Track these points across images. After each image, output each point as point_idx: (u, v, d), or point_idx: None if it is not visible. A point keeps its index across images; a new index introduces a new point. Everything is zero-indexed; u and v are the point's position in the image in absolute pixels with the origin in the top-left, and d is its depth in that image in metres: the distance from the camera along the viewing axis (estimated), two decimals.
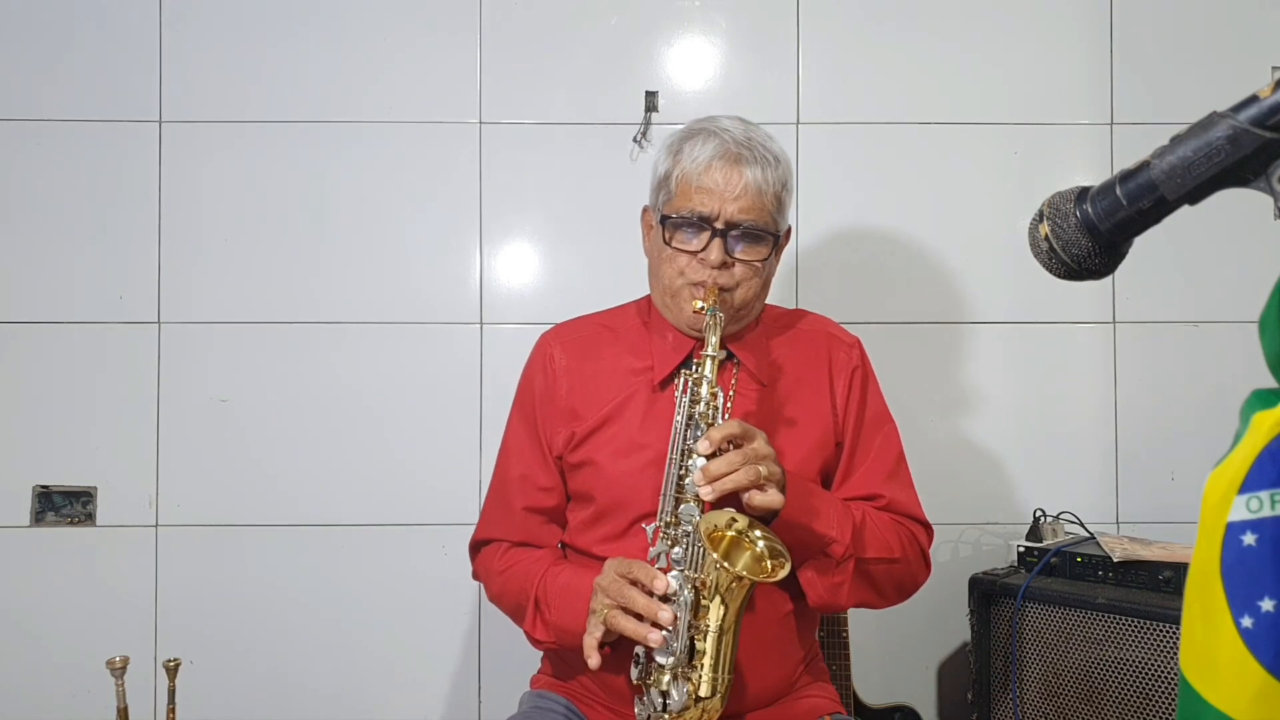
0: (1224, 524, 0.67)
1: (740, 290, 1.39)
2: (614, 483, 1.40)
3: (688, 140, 1.39)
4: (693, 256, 1.37)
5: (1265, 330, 0.69)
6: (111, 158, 2.08)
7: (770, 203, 1.37)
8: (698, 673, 1.21)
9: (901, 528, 1.43)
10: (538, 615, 1.39)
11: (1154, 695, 1.63)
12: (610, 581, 1.26)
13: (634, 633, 1.22)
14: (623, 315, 1.55)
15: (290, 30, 2.10)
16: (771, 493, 1.23)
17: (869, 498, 1.44)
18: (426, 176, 2.11)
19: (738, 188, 1.35)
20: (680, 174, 1.38)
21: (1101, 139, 2.13)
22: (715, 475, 1.20)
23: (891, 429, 1.51)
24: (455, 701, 2.09)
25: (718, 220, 1.36)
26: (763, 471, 1.22)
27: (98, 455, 2.06)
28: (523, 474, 1.49)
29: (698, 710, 1.21)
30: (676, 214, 1.38)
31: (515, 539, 1.49)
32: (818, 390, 1.48)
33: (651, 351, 1.46)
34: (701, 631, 1.22)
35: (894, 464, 1.48)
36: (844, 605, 1.39)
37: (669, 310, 1.44)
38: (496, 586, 1.48)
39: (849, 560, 1.33)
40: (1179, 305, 2.13)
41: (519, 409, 1.53)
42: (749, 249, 1.38)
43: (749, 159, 1.36)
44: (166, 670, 1.45)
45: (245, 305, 2.09)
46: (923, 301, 2.13)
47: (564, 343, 1.51)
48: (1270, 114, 0.66)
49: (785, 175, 1.40)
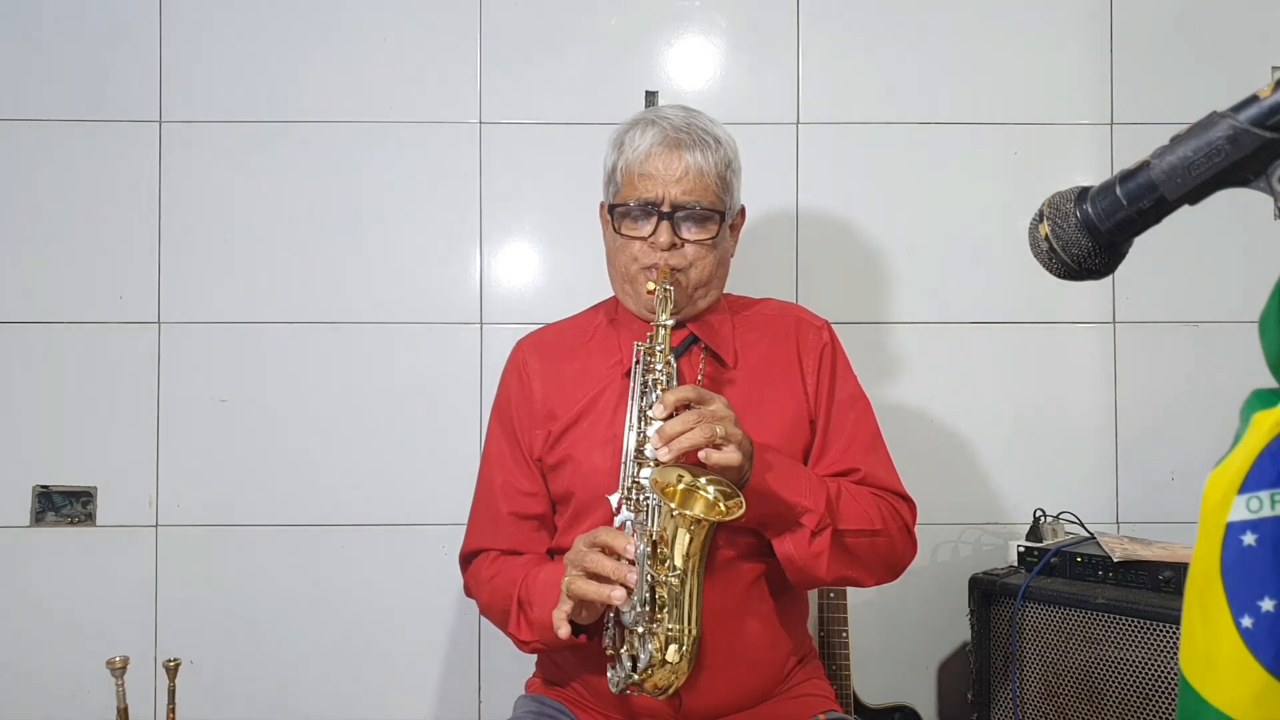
0: (1224, 524, 0.67)
1: (694, 270, 1.42)
2: (590, 475, 1.41)
3: (628, 131, 1.43)
4: (643, 242, 1.41)
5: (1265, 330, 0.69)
6: (111, 158, 2.08)
7: (714, 183, 1.40)
8: (662, 626, 1.20)
9: (882, 500, 1.41)
10: (522, 615, 1.38)
11: (1154, 695, 1.63)
12: (576, 553, 1.26)
13: (594, 593, 1.21)
14: (591, 316, 1.58)
15: (290, 30, 2.10)
16: (729, 451, 1.21)
17: (846, 473, 1.43)
18: (426, 176, 2.11)
19: (678, 170, 1.38)
20: (624, 164, 1.42)
21: (1101, 139, 2.13)
22: (670, 435, 1.20)
23: (865, 406, 1.50)
24: (455, 702, 2.09)
25: (663, 204, 1.39)
26: (719, 431, 1.21)
27: (98, 455, 2.06)
28: (505, 480, 1.49)
29: (665, 670, 1.20)
30: (623, 202, 1.41)
31: (503, 547, 1.48)
32: (787, 372, 1.48)
33: (619, 345, 1.47)
34: (663, 583, 1.21)
35: (870, 439, 1.48)
36: (825, 579, 1.36)
37: (628, 298, 1.47)
38: (485, 596, 1.47)
39: (825, 530, 1.31)
40: (1179, 305, 2.13)
41: (497, 417, 1.54)
42: (697, 229, 1.41)
43: (688, 143, 1.39)
44: (166, 670, 1.45)
45: (245, 305, 2.09)
46: (922, 301, 2.13)
47: (537, 348, 1.54)
48: (1270, 114, 0.66)
49: (728, 156, 1.43)
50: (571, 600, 1.25)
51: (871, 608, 2.09)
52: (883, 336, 2.11)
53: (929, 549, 2.09)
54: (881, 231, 2.13)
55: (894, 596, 2.09)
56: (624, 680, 1.24)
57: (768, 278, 2.08)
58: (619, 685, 1.26)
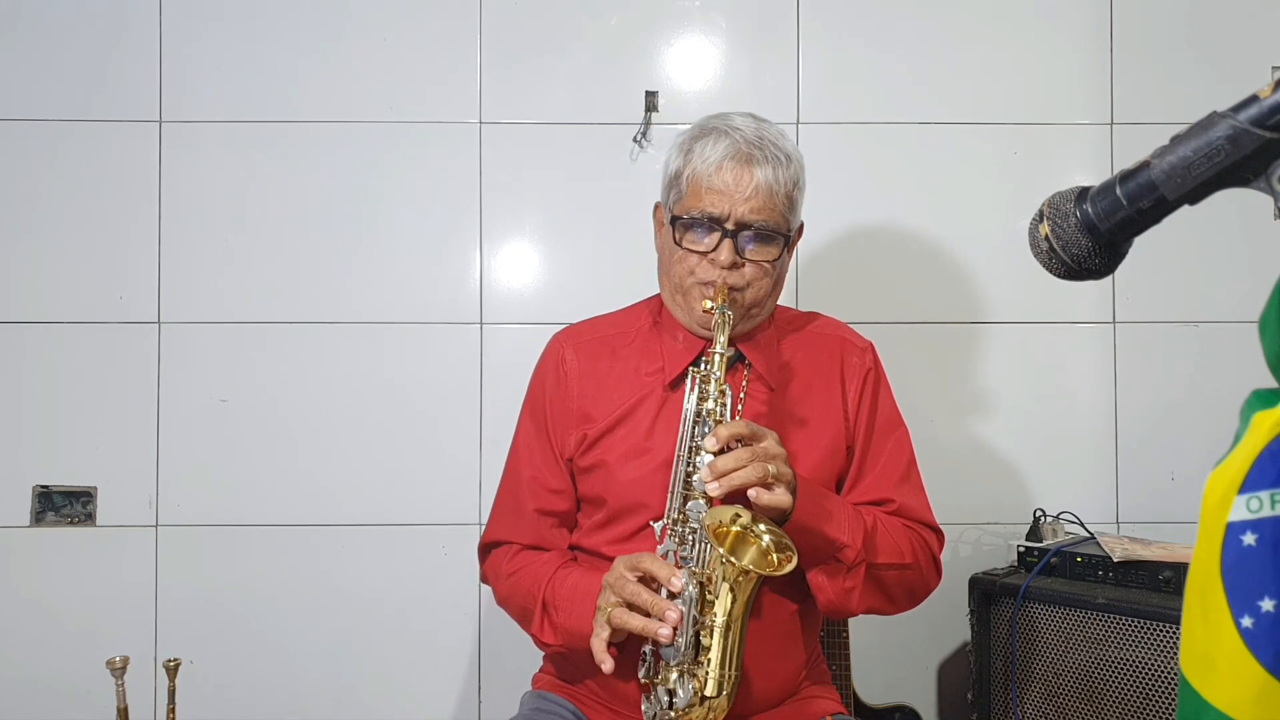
0: (1224, 524, 0.67)
1: (751, 290, 1.38)
2: (625, 485, 1.39)
3: (699, 139, 1.38)
4: (703, 256, 1.37)
5: (1265, 330, 0.69)
6: (111, 158, 2.08)
7: (782, 202, 1.36)
8: (704, 669, 1.20)
9: (913, 533, 1.42)
10: (545, 618, 1.37)
11: (1154, 695, 1.63)
12: (617, 578, 1.25)
13: (641, 629, 1.20)
14: (634, 316, 1.53)
15: (290, 30, 2.10)
16: (779, 492, 1.21)
17: (879, 502, 1.43)
18: (426, 176, 2.11)
19: (748, 188, 1.34)
20: (691, 174, 1.37)
21: (1101, 139, 2.13)
22: (722, 471, 1.19)
23: (903, 433, 1.50)
24: (456, 702, 2.09)
25: (728, 221, 1.35)
26: (771, 470, 1.20)
27: (98, 455, 2.06)
28: (533, 475, 1.47)
29: (704, 709, 1.20)
30: (687, 214, 1.37)
31: (526, 541, 1.47)
32: (829, 394, 1.46)
33: (662, 353, 1.45)
34: (708, 628, 1.20)
35: (905, 468, 1.47)
36: (855, 611, 1.37)
37: (679, 309, 1.43)
38: (504, 590, 1.46)
39: (860, 565, 1.32)
40: (1179, 305, 2.13)
41: (530, 410, 1.52)
42: (760, 249, 1.37)
43: (760, 159, 1.34)
44: (166, 670, 1.45)
45: (245, 305, 2.09)
46: (922, 301, 2.13)
47: (575, 344, 1.50)
48: (1270, 114, 0.66)
49: (797, 174, 1.39)
50: (610, 629, 1.24)
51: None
52: (883, 336, 2.09)
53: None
54: (881, 231, 2.13)
55: None
56: (660, 715, 1.24)
57: None
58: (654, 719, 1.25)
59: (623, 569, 1.25)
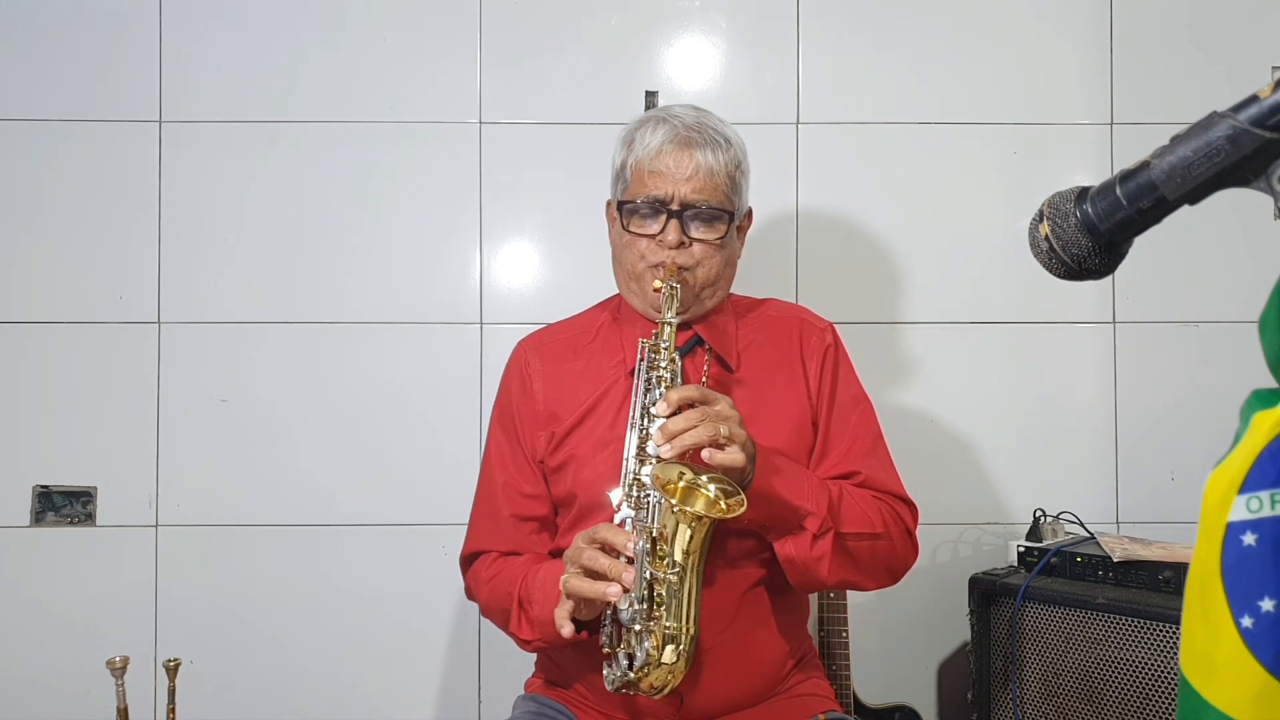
0: (1224, 524, 0.67)
1: (701, 269, 1.41)
2: (592, 478, 1.40)
3: (639, 129, 1.43)
4: (651, 239, 1.40)
5: (1265, 330, 0.69)
6: (111, 158, 2.08)
7: (724, 182, 1.40)
8: (659, 624, 1.19)
9: (883, 504, 1.41)
10: (522, 614, 1.38)
11: (1154, 695, 1.63)
12: (575, 550, 1.26)
13: (590, 591, 1.21)
14: (593, 316, 1.57)
15: (290, 30, 2.10)
16: (732, 451, 1.20)
17: (847, 475, 1.43)
18: (426, 176, 2.11)
19: (689, 169, 1.38)
20: (634, 162, 1.41)
21: (1101, 139, 2.13)
22: (673, 433, 1.20)
23: (867, 408, 1.50)
24: (455, 702, 2.09)
25: (672, 202, 1.39)
26: (723, 431, 1.20)
27: (98, 455, 2.06)
28: (506, 481, 1.48)
29: (661, 670, 1.20)
30: (633, 200, 1.41)
31: (504, 549, 1.48)
32: (791, 374, 1.48)
33: (622, 344, 1.47)
34: (661, 581, 1.20)
35: (871, 442, 1.47)
36: (826, 584, 1.36)
37: (633, 295, 1.46)
38: (484, 597, 1.47)
39: (827, 534, 1.31)
40: (1179, 305, 2.13)
41: (499, 418, 1.53)
42: (705, 228, 1.40)
43: (699, 141, 1.39)
44: (166, 670, 1.45)
45: (245, 305, 2.09)
46: (923, 302, 2.13)
47: (538, 348, 1.53)
48: (1270, 114, 0.66)
49: (738, 156, 1.43)
50: (571, 599, 1.24)
51: (871, 608, 2.08)
52: (882, 337, 2.11)
53: (929, 549, 2.08)
54: (881, 232, 2.13)
55: (894, 596, 2.07)
56: (620, 679, 1.24)
57: (767, 278, 2.08)
58: (615, 684, 1.25)
59: (581, 541, 1.26)
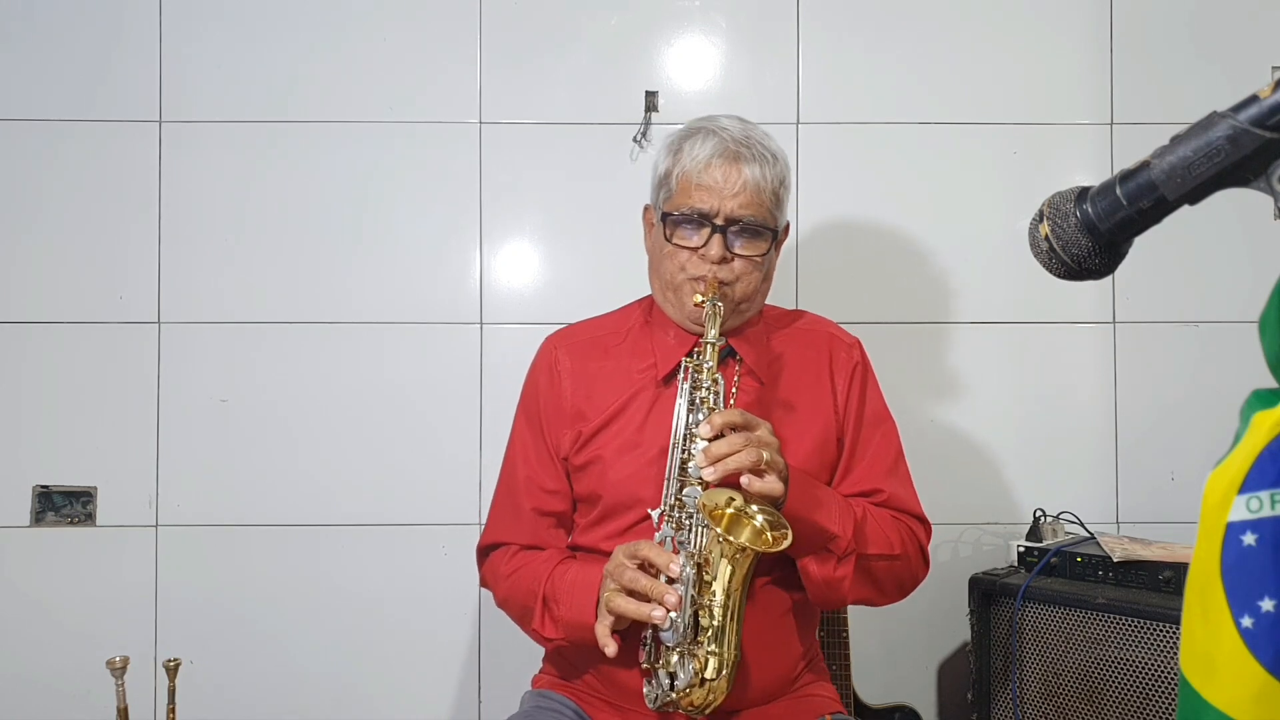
0: (1224, 524, 0.67)
1: (740, 285, 1.41)
2: (619, 479, 1.41)
3: (688, 139, 1.42)
4: (693, 252, 1.40)
5: (1265, 330, 0.69)
6: (111, 158, 2.08)
7: (769, 199, 1.40)
8: (703, 650, 1.21)
9: (901, 524, 1.43)
10: (546, 613, 1.38)
11: (1154, 695, 1.63)
12: (616, 566, 1.27)
13: (634, 612, 1.22)
14: (625, 316, 1.56)
15: (290, 30, 2.10)
16: (771, 480, 1.22)
17: (868, 493, 1.45)
18: (426, 176, 2.11)
19: (736, 184, 1.37)
20: (680, 172, 1.40)
21: (1101, 139, 2.13)
22: (717, 456, 1.21)
23: (890, 426, 1.52)
24: (456, 702, 2.09)
25: (717, 216, 1.38)
26: (765, 457, 1.22)
27: (98, 455, 2.06)
28: (529, 476, 1.49)
29: (704, 690, 1.21)
30: (677, 211, 1.40)
31: (524, 542, 1.48)
32: (819, 388, 1.49)
33: (654, 349, 1.47)
34: (706, 608, 1.22)
35: (893, 460, 1.49)
36: (845, 601, 1.40)
37: (670, 305, 1.46)
38: (504, 590, 1.47)
39: (850, 556, 1.34)
40: (1179, 305, 2.13)
41: (524, 412, 1.53)
42: (748, 244, 1.40)
43: (748, 156, 1.38)
44: (166, 670, 1.45)
45: (245, 305, 2.09)
46: (923, 301, 2.13)
47: (568, 345, 1.53)
48: (1270, 114, 0.66)
49: (783, 172, 1.43)
50: (611, 616, 1.26)
51: (871, 608, 2.08)
52: (882, 337, 2.11)
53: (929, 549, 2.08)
54: (881, 232, 2.13)
55: None
56: (660, 697, 1.25)
57: None
58: (656, 702, 1.27)
59: (621, 557, 1.27)
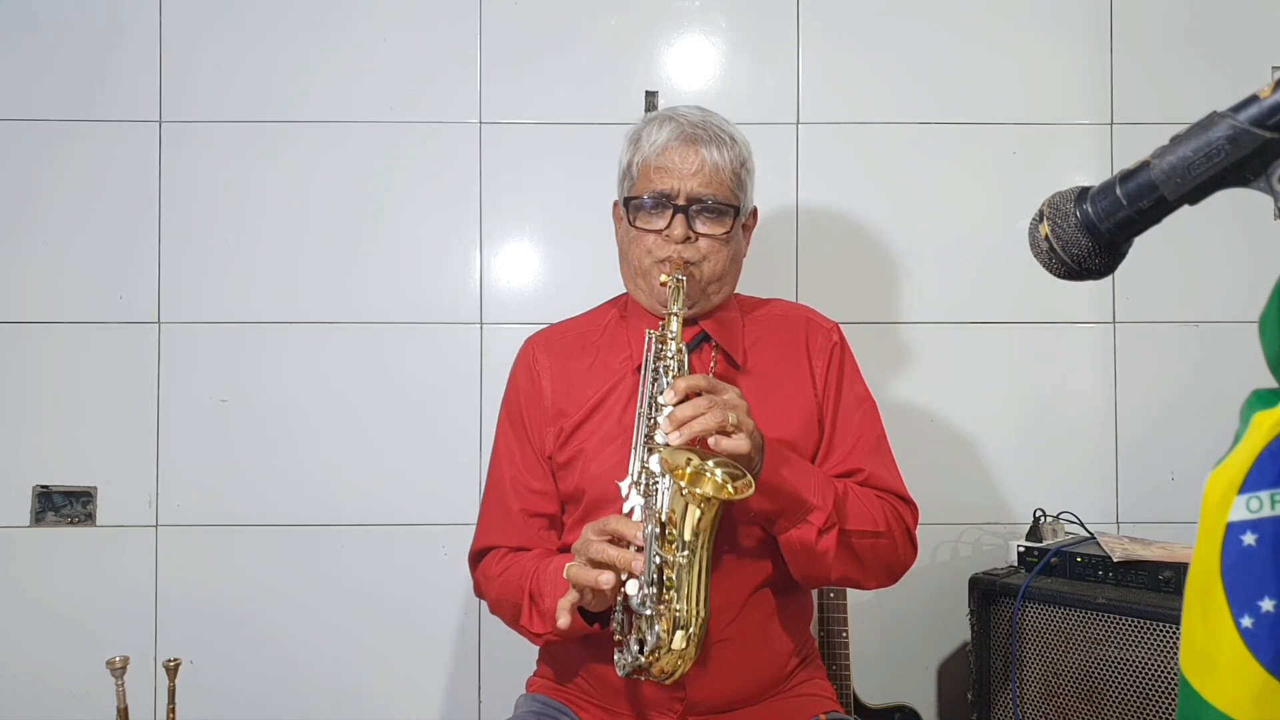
0: (1224, 524, 0.67)
1: (708, 264, 1.42)
2: (601, 471, 1.40)
3: (645, 128, 1.45)
4: (658, 235, 1.42)
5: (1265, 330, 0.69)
6: (111, 158, 2.08)
7: (729, 178, 1.42)
8: (669, 608, 1.19)
9: (885, 502, 1.42)
10: (533, 608, 1.38)
11: (1154, 695, 1.63)
12: (583, 542, 1.25)
13: (590, 581, 1.20)
14: (600, 313, 1.58)
15: (290, 30, 2.10)
16: (739, 438, 1.20)
17: (850, 473, 1.44)
18: (426, 176, 2.11)
19: (694, 164, 1.40)
20: (640, 159, 1.43)
21: (1101, 139, 2.13)
22: (681, 420, 1.19)
23: (871, 406, 1.51)
24: (455, 702, 2.09)
25: (678, 197, 1.40)
26: (731, 418, 1.20)
27: (98, 455, 2.06)
28: (514, 477, 1.49)
29: (672, 656, 1.19)
30: (639, 195, 1.42)
31: (513, 544, 1.48)
32: (797, 372, 1.49)
33: (629, 340, 1.48)
34: (671, 564, 1.20)
35: (875, 440, 1.48)
36: (830, 577, 1.37)
37: (641, 292, 1.47)
38: (494, 592, 1.46)
39: (832, 529, 1.32)
40: (1179, 305, 2.13)
41: (507, 414, 1.54)
42: (711, 223, 1.42)
43: (704, 138, 1.41)
44: (166, 670, 1.45)
45: (245, 305, 2.09)
46: (923, 301, 2.13)
47: (546, 344, 1.54)
48: (1270, 114, 0.66)
49: (743, 154, 1.45)
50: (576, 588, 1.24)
51: (871, 608, 2.09)
52: (883, 336, 2.11)
53: (929, 549, 2.09)
54: (881, 231, 2.13)
55: (894, 596, 2.08)
56: (630, 664, 1.23)
57: (768, 277, 2.07)
58: (625, 669, 1.25)
59: (590, 533, 1.25)
